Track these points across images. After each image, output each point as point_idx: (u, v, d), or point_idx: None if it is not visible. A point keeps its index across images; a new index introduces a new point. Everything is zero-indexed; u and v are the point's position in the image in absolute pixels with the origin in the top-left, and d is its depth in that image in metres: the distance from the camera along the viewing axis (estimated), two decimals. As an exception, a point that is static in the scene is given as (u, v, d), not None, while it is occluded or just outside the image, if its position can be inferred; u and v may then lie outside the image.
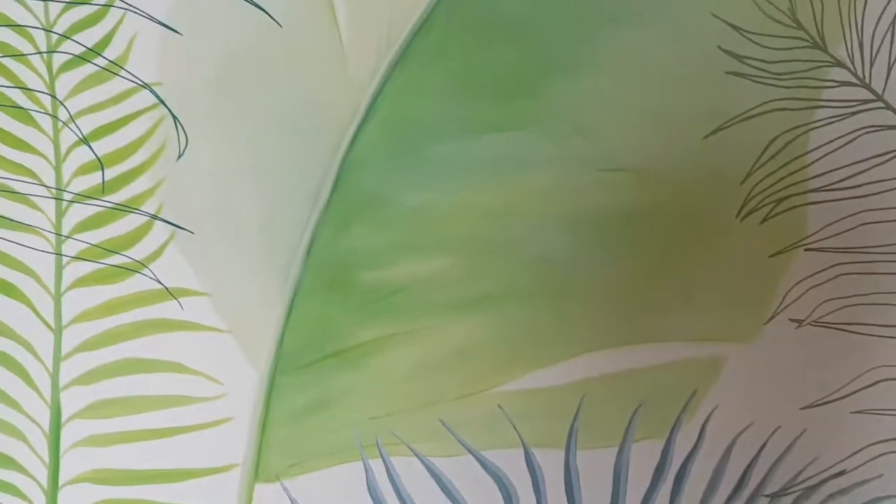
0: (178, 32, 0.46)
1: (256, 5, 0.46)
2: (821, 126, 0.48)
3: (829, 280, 0.49)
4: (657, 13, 0.47)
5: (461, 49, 0.47)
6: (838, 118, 0.47)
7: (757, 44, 0.47)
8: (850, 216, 0.48)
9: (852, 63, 0.47)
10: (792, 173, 0.48)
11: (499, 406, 0.49)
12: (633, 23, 0.47)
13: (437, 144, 0.48)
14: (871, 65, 0.47)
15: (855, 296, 0.49)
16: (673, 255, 0.48)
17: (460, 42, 0.47)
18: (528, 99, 0.47)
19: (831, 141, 0.48)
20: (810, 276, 0.49)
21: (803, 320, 0.49)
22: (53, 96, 0.47)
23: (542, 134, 0.48)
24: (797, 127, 0.48)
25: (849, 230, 0.48)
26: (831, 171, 0.48)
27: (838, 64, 0.47)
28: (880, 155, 0.48)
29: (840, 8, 0.47)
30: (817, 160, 0.48)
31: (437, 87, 0.47)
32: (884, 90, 0.47)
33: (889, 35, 0.47)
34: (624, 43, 0.47)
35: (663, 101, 0.47)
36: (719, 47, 0.47)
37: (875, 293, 0.49)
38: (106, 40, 0.46)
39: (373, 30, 0.47)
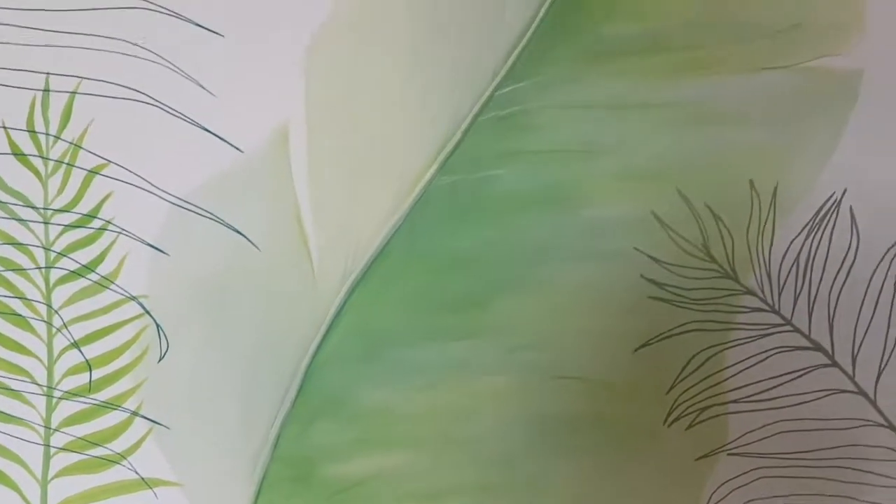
0: (165, 253, 0.52)
1: (237, 231, 0.51)
2: (735, 346, 0.51)
3: (751, 482, 0.52)
4: (587, 246, 0.51)
5: (417, 271, 0.52)
6: (752, 339, 0.51)
7: (675, 273, 0.51)
8: (767, 425, 0.52)
9: (762, 291, 0.51)
10: (712, 386, 0.52)
11: None
12: (567, 254, 0.51)
13: (397, 350, 0.52)
14: (780, 293, 0.51)
15: (775, 497, 0.52)
16: (613, 456, 0.52)
17: (416, 265, 0.52)
18: (480, 312, 0.52)
19: (746, 359, 0.51)
20: (734, 478, 0.52)
21: (729, 519, 0.53)
22: (49, 306, 0.52)
23: (494, 343, 0.52)
24: (714, 346, 0.52)
25: (767, 437, 0.52)
26: (748, 384, 0.52)
27: (749, 292, 0.51)
28: (792, 372, 0.51)
29: (749, 245, 0.51)
30: (734, 375, 0.52)
31: (396, 301, 0.52)
32: (792, 315, 0.51)
33: (794, 268, 0.51)
34: (560, 270, 0.51)
35: (596, 319, 0.52)
36: (642, 276, 0.51)
37: (793, 494, 0.52)
38: (100, 258, 0.52)
39: (339, 254, 0.52)
